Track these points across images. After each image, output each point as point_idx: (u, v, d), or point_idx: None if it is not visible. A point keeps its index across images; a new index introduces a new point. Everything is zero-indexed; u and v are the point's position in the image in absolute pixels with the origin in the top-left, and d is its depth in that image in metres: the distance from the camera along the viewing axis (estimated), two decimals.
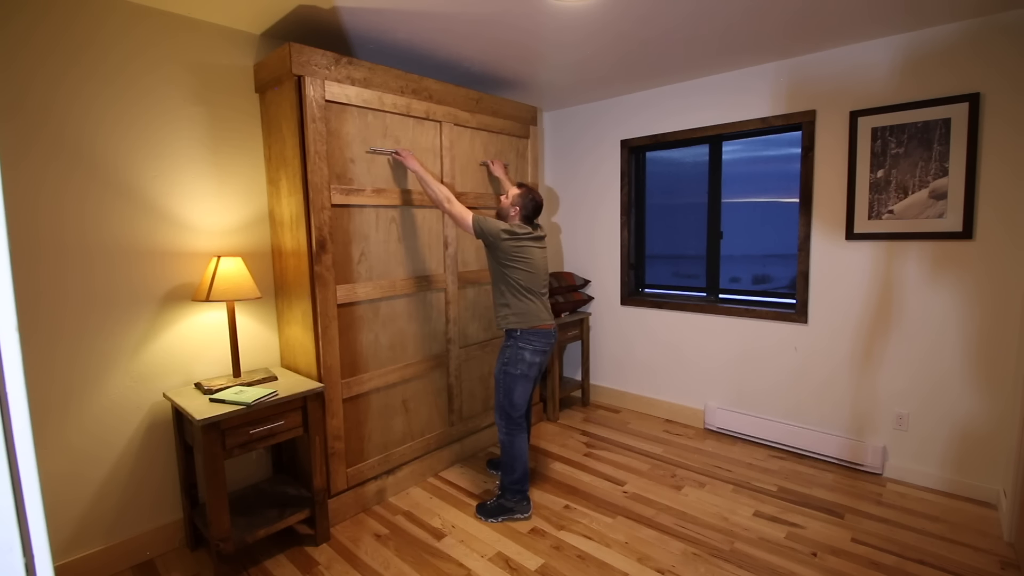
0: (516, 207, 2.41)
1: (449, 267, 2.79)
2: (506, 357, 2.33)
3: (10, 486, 0.50)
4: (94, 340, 1.96)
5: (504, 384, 2.34)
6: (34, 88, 1.79)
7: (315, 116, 2.12)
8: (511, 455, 2.36)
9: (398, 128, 2.46)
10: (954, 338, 2.47)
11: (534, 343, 2.31)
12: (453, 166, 2.76)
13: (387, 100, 2.37)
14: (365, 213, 2.37)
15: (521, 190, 2.41)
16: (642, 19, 2.26)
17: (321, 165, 2.15)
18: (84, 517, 1.97)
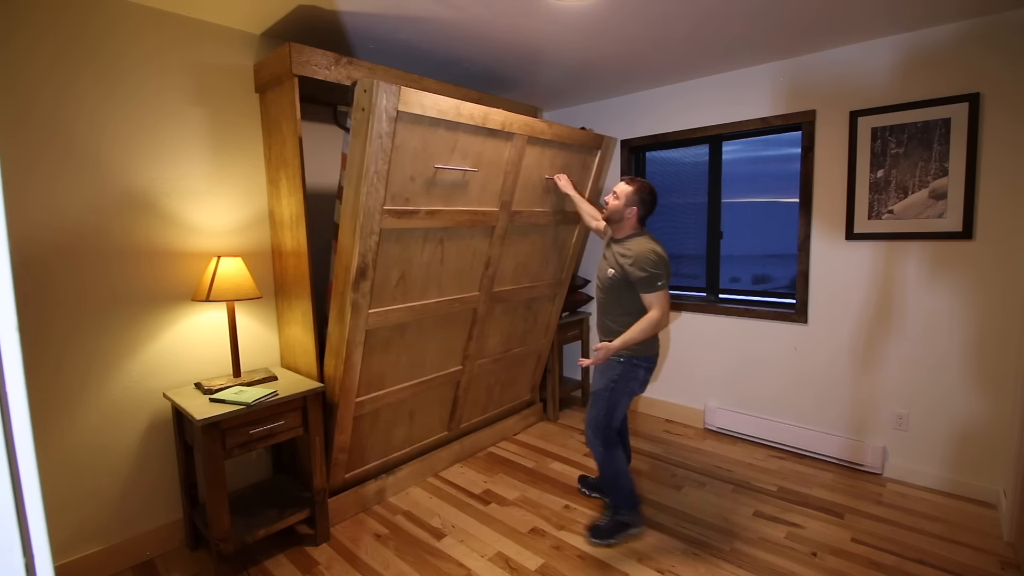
0: (633, 207, 2.11)
1: (485, 287, 2.65)
2: (616, 374, 2.14)
3: (10, 486, 0.50)
4: (94, 340, 1.96)
5: (609, 401, 2.16)
6: (42, 93, 1.78)
7: (382, 131, 1.84)
8: (613, 471, 2.20)
9: (469, 142, 2.20)
10: (954, 338, 2.47)
11: (651, 360, 2.20)
12: (515, 183, 2.52)
13: (464, 110, 2.07)
14: (414, 234, 2.17)
15: (634, 185, 2.11)
16: (642, 19, 2.26)
17: (379, 186, 1.91)
18: (84, 517, 1.97)
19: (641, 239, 2.10)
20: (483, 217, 2.43)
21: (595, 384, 2.23)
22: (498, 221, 2.51)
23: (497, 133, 2.28)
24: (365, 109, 1.82)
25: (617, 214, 2.14)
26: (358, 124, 1.87)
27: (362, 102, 1.83)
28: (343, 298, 2.06)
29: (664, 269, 2.03)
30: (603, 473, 2.23)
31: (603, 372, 2.18)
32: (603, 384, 2.18)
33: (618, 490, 2.22)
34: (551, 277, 3.11)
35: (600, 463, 2.23)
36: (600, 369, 2.19)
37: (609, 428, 2.19)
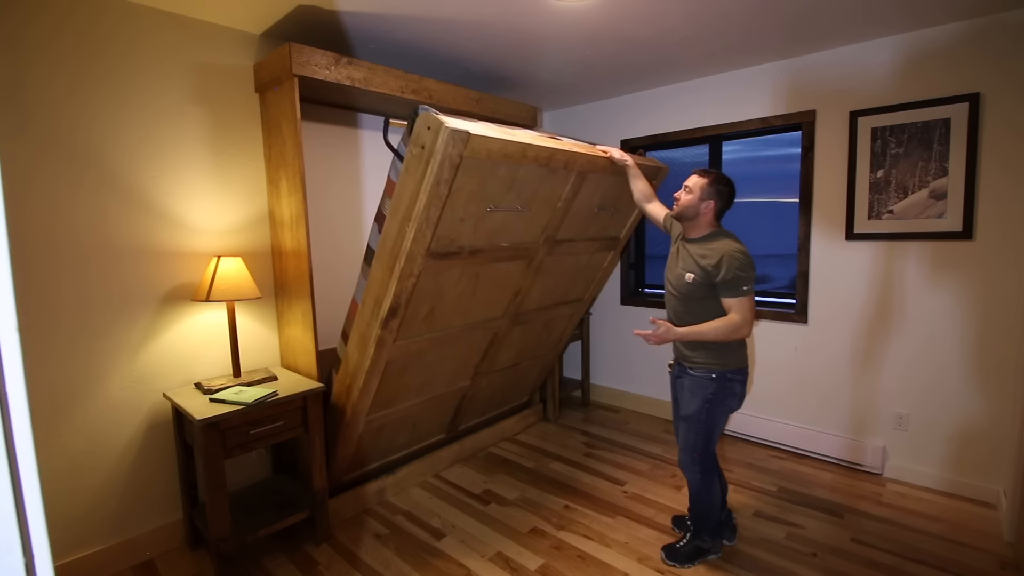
0: (709, 201, 1.89)
1: (510, 311, 2.60)
2: (710, 392, 1.91)
3: (10, 486, 0.50)
4: (94, 340, 1.96)
5: (705, 424, 1.94)
6: (46, 96, 1.79)
7: (441, 178, 1.70)
8: (708, 503, 2.01)
9: (528, 178, 2.04)
10: (954, 338, 2.47)
11: (745, 373, 1.96)
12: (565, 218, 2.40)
13: (531, 152, 1.92)
14: (451, 272, 2.08)
15: (709, 177, 1.90)
16: (642, 19, 2.26)
17: (426, 232, 1.81)
18: (84, 517, 1.97)
19: (725, 239, 1.87)
20: (525, 252, 2.36)
21: (686, 406, 1.98)
22: (538, 253, 2.43)
23: (558, 171, 2.13)
24: (425, 148, 1.67)
25: (691, 210, 1.90)
26: (414, 160, 1.72)
27: (423, 138, 1.67)
28: (368, 329, 2.02)
29: (751, 272, 1.83)
30: (696, 502, 2.04)
31: (693, 392, 1.95)
32: (697, 405, 1.93)
33: (707, 520, 2.04)
34: (575, 296, 3.07)
35: (694, 492, 2.02)
36: (689, 389, 1.96)
37: (708, 453, 1.97)
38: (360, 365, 2.08)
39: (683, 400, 2.01)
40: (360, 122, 2.82)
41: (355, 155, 2.81)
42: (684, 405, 2.00)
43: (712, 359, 1.91)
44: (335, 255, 2.73)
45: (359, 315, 2.07)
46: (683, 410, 2.00)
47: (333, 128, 2.71)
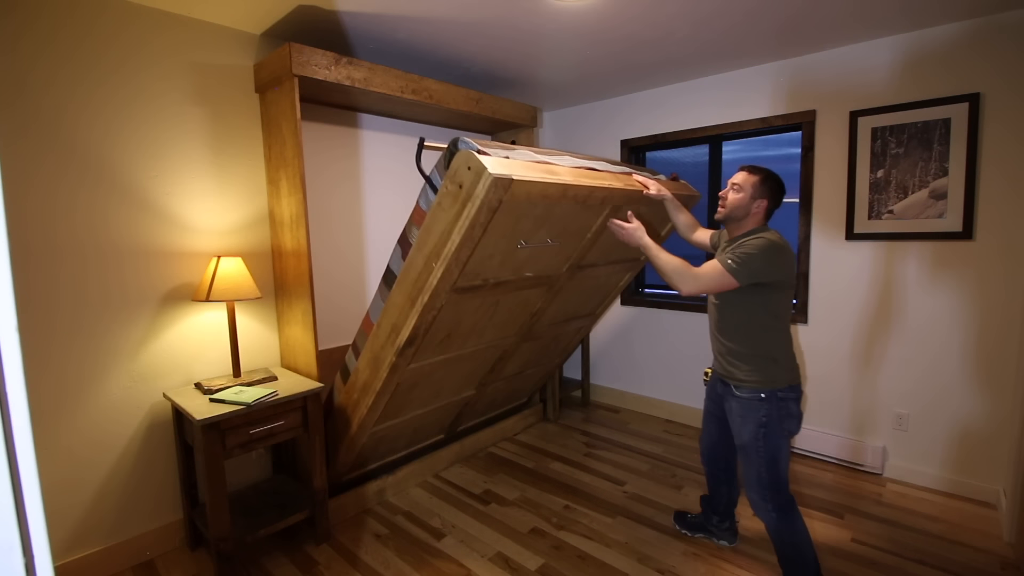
0: (762, 200, 1.72)
1: (523, 330, 2.57)
2: (763, 415, 1.70)
3: (10, 486, 0.50)
4: (94, 340, 1.96)
5: (766, 453, 1.71)
6: (46, 97, 1.79)
7: (478, 222, 1.63)
8: (794, 543, 1.75)
9: (562, 214, 1.96)
10: (954, 338, 2.47)
11: (797, 389, 1.74)
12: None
13: (571, 192, 1.83)
14: (472, 301, 2.06)
15: (760, 174, 1.74)
16: (642, 19, 2.26)
17: (454, 270, 1.77)
18: (84, 517, 1.97)
19: (763, 235, 1.67)
20: (548, 280, 2.33)
21: (739, 434, 1.78)
22: (560, 279, 2.40)
23: (594, 205, 2.04)
24: (463, 188, 1.60)
25: (741, 210, 1.73)
26: (448, 197, 1.66)
27: (461, 177, 1.61)
28: (383, 352, 2.01)
29: (756, 263, 1.60)
30: (781, 546, 1.78)
31: (744, 416, 1.75)
32: (751, 432, 1.73)
33: (801, 566, 1.76)
34: (587, 311, 3.06)
35: (775, 535, 1.77)
36: (739, 413, 1.77)
37: (779, 484, 1.73)
38: (370, 385, 2.09)
39: (735, 427, 1.81)
40: (360, 122, 2.82)
41: (355, 155, 2.80)
42: (737, 433, 1.80)
43: (758, 376, 1.72)
44: (335, 255, 2.73)
45: (374, 335, 2.04)
46: (737, 439, 1.80)
47: (333, 128, 2.71)
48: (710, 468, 2.12)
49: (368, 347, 2.08)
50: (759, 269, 1.62)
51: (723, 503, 2.12)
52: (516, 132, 3.36)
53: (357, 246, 2.82)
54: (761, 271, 1.62)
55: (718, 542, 2.16)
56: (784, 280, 1.67)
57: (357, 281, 2.84)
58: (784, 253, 1.65)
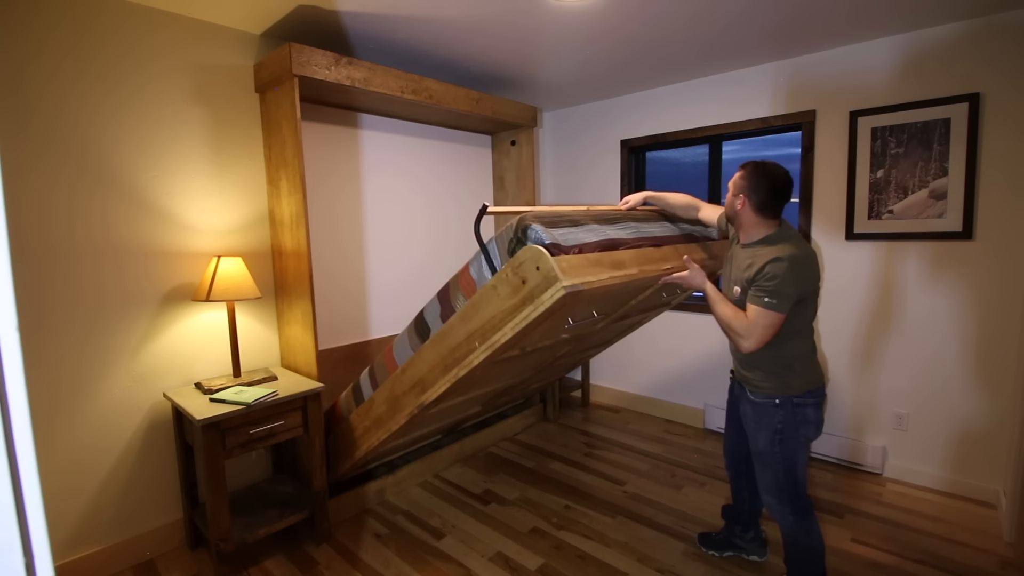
0: (739, 196, 1.64)
1: (542, 368, 2.52)
2: (777, 421, 1.65)
3: (10, 486, 0.50)
4: (93, 340, 1.95)
5: (783, 459, 1.66)
6: (43, 94, 1.79)
7: (537, 322, 1.56)
8: (808, 547, 1.72)
9: (613, 294, 1.82)
10: (954, 338, 2.47)
11: (816, 394, 1.67)
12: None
13: (632, 284, 1.74)
14: (505, 365, 2.03)
15: (744, 169, 1.64)
16: (641, 19, 2.26)
17: (497, 355, 1.74)
18: (84, 517, 1.97)
19: (779, 244, 1.59)
20: (582, 336, 2.25)
21: (754, 440, 1.74)
22: (595, 334, 2.34)
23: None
24: (526, 285, 1.51)
25: (729, 210, 1.70)
26: (507, 286, 1.57)
27: (526, 273, 1.50)
28: (404, 400, 2.00)
29: (788, 287, 1.52)
30: (792, 548, 1.76)
31: (758, 422, 1.70)
32: (766, 439, 1.68)
33: (809, 571, 1.74)
34: (607, 341, 2.96)
35: (789, 536, 1.74)
36: (753, 419, 1.72)
37: (797, 489, 1.69)
38: (385, 423, 2.10)
39: (749, 432, 1.77)
40: (360, 122, 2.82)
41: (355, 155, 2.80)
42: (752, 439, 1.75)
43: (773, 382, 1.66)
44: (335, 255, 2.73)
45: (396, 378, 2.01)
46: (752, 444, 1.75)
47: (333, 128, 2.71)
48: (732, 471, 2.01)
49: (388, 387, 2.05)
50: (795, 292, 1.54)
51: (745, 511, 2.01)
52: (516, 132, 3.36)
53: (357, 246, 2.82)
54: (796, 292, 1.55)
55: (748, 557, 2.04)
56: (811, 293, 1.61)
57: (357, 281, 2.84)
58: (807, 265, 1.58)
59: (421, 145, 3.12)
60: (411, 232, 3.10)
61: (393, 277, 3.01)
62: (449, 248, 3.32)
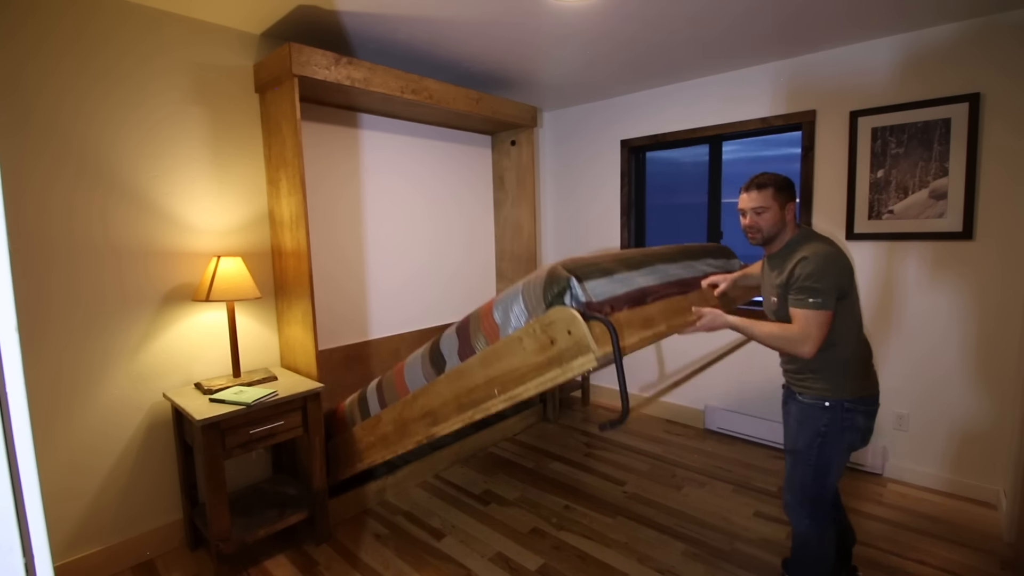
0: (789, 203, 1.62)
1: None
2: (823, 424, 1.59)
3: (10, 486, 0.50)
4: (94, 340, 1.95)
5: (817, 461, 1.60)
6: (43, 94, 1.79)
7: (562, 386, 1.62)
8: (817, 555, 1.66)
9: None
10: (954, 338, 2.47)
11: (869, 402, 1.60)
12: None
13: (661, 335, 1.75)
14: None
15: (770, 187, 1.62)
16: (642, 19, 2.26)
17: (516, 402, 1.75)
18: (84, 517, 1.97)
19: (806, 245, 1.58)
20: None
21: (793, 438, 1.67)
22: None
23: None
24: (555, 344, 1.48)
25: (778, 226, 1.62)
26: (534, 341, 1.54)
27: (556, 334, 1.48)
28: (413, 427, 1.99)
29: (828, 281, 1.48)
30: (800, 552, 1.70)
31: (802, 422, 1.63)
32: (807, 439, 1.61)
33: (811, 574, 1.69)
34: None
35: (799, 539, 1.69)
36: (797, 418, 1.65)
37: (821, 497, 1.62)
38: (391, 444, 2.09)
39: (789, 429, 1.70)
40: (360, 122, 2.82)
41: (355, 155, 2.81)
42: (791, 436, 1.68)
43: (823, 385, 1.59)
44: (335, 255, 2.73)
45: (406, 403, 1.99)
46: (789, 442, 1.68)
47: (333, 128, 2.71)
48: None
49: (398, 410, 2.03)
50: (833, 286, 1.50)
51: (837, 544, 1.77)
52: (516, 132, 3.36)
53: (357, 246, 2.82)
54: (835, 286, 1.50)
55: None
56: (849, 286, 1.55)
57: (357, 281, 2.84)
58: (837, 258, 1.54)
59: (421, 145, 3.12)
60: (411, 232, 3.10)
61: (393, 277, 3.01)
62: (449, 248, 3.32)
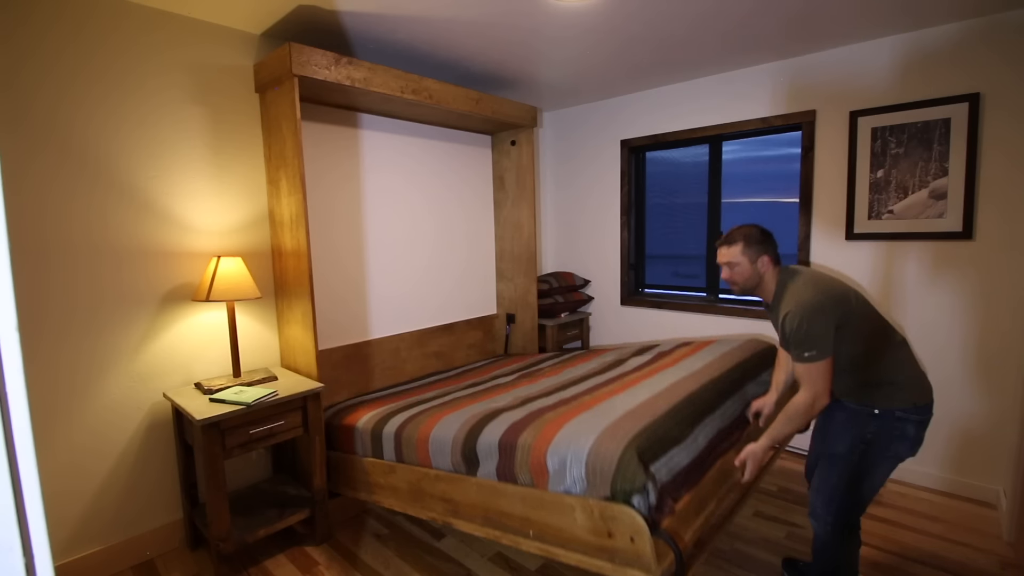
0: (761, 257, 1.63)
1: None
2: (869, 432, 1.54)
3: (10, 486, 0.50)
4: (94, 340, 1.95)
5: (856, 468, 1.55)
6: (41, 92, 1.79)
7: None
8: (838, 566, 1.63)
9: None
10: (954, 338, 2.47)
11: (922, 411, 1.53)
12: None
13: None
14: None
15: (739, 243, 1.65)
16: (642, 19, 2.26)
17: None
18: (84, 517, 1.97)
19: (788, 292, 1.57)
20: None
21: (834, 442, 1.61)
22: None
23: None
24: (612, 537, 1.45)
25: (753, 279, 1.64)
26: (590, 523, 1.50)
27: (615, 530, 1.45)
28: (428, 500, 1.95)
29: (815, 328, 1.47)
30: (820, 553, 1.67)
31: (846, 425, 1.58)
32: (848, 443, 1.56)
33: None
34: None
35: (820, 543, 1.65)
36: (840, 422, 1.60)
37: (852, 503, 1.58)
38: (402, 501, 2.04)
39: (831, 432, 1.63)
40: (360, 122, 2.82)
41: (355, 155, 2.80)
42: (832, 439, 1.62)
43: (872, 398, 1.54)
44: (335, 255, 2.73)
45: (427, 477, 1.93)
46: (829, 446, 1.62)
47: (333, 128, 2.71)
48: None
49: (416, 476, 1.97)
50: (822, 331, 1.47)
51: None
52: (516, 132, 3.36)
53: (357, 246, 2.82)
54: (824, 330, 1.48)
55: None
56: (845, 313, 1.51)
57: (357, 281, 2.84)
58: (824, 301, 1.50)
59: (421, 145, 3.12)
60: (411, 233, 3.10)
61: (392, 278, 3.01)
62: (449, 248, 3.32)
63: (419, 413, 2.14)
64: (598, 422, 1.65)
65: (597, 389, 2.15)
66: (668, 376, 2.17)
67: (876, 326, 1.57)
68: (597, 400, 1.95)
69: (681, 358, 2.45)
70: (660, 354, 2.63)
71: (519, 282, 3.47)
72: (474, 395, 2.33)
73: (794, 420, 1.52)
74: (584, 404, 1.91)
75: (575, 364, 2.72)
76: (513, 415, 1.88)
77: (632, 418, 1.66)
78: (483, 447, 1.76)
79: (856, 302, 1.56)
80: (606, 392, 2.07)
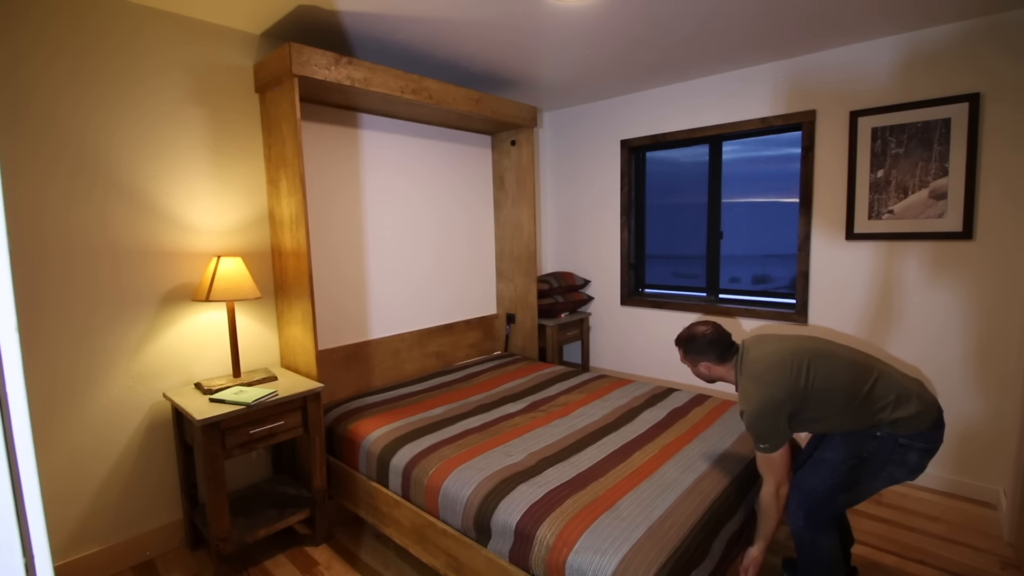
0: (701, 360, 1.72)
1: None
2: (868, 451, 1.53)
3: (10, 486, 0.50)
4: (94, 340, 1.95)
5: (843, 479, 1.56)
6: (39, 91, 1.79)
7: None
8: (814, 559, 1.63)
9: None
10: (954, 338, 2.47)
11: (928, 438, 1.50)
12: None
13: None
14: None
15: (680, 348, 1.78)
16: (642, 20, 2.26)
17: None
18: (84, 517, 1.97)
19: (741, 387, 1.64)
20: None
21: (824, 447, 1.61)
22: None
23: None
24: None
25: (705, 378, 1.77)
26: None
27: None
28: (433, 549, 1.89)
29: (764, 422, 1.51)
30: (801, 556, 1.67)
31: (844, 439, 1.57)
32: (842, 455, 1.55)
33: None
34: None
35: (796, 539, 1.66)
36: (843, 436, 1.58)
37: (826, 508, 1.58)
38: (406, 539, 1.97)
39: (827, 440, 1.63)
40: (360, 122, 2.82)
41: (355, 155, 2.80)
42: (826, 445, 1.62)
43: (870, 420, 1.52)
44: (335, 255, 2.73)
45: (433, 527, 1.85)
46: (821, 450, 1.62)
47: (333, 128, 2.71)
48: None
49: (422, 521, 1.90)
50: (773, 425, 1.53)
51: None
52: (516, 132, 3.36)
53: (357, 246, 2.82)
54: (775, 423, 1.53)
55: None
56: (801, 398, 1.52)
57: (357, 281, 2.84)
58: (774, 393, 1.52)
59: (421, 145, 3.12)
60: (411, 233, 3.10)
61: (392, 277, 3.01)
62: (449, 248, 3.32)
63: (430, 451, 2.00)
64: (625, 532, 1.51)
65: (616, 464, 1.91)
66: (692, 461, 1.94)
67: (845, 379, 1.53)
68: (620, 491, 1.72)
69: (700, 430, 2.19)
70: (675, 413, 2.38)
71: (519, 282, 3.47)
72: (484, 429, 2.21)
73: (769, 512, 1.60)
74: (606, 491, 1.72)
75: (587, 403, 2.50)
76: (531, 491, 1.71)
77: (659, 535, 1.50)
78: (498, 524, 1.66)
79: (813, 373, 1.53)
80: (629, 471, 1.85)
